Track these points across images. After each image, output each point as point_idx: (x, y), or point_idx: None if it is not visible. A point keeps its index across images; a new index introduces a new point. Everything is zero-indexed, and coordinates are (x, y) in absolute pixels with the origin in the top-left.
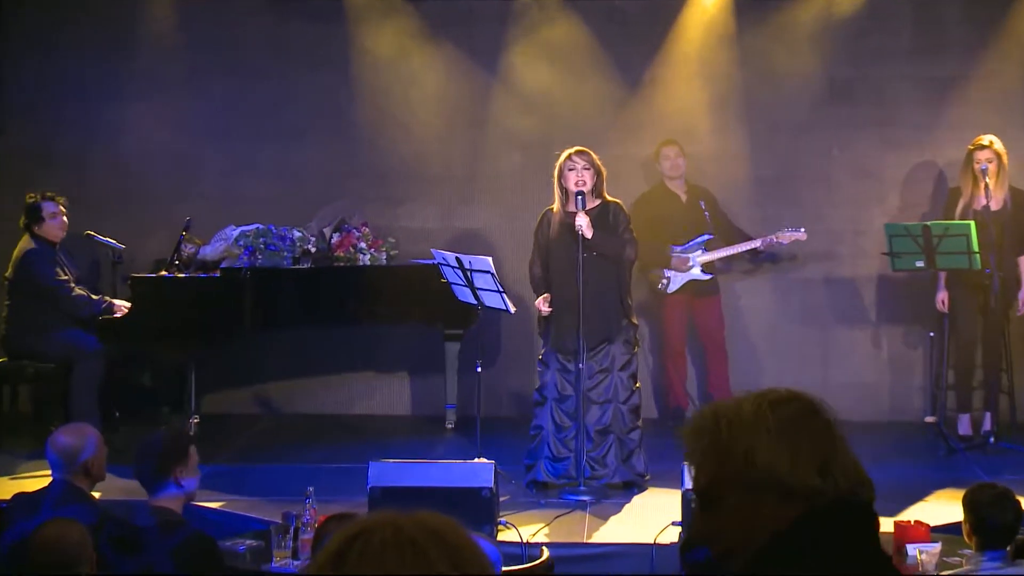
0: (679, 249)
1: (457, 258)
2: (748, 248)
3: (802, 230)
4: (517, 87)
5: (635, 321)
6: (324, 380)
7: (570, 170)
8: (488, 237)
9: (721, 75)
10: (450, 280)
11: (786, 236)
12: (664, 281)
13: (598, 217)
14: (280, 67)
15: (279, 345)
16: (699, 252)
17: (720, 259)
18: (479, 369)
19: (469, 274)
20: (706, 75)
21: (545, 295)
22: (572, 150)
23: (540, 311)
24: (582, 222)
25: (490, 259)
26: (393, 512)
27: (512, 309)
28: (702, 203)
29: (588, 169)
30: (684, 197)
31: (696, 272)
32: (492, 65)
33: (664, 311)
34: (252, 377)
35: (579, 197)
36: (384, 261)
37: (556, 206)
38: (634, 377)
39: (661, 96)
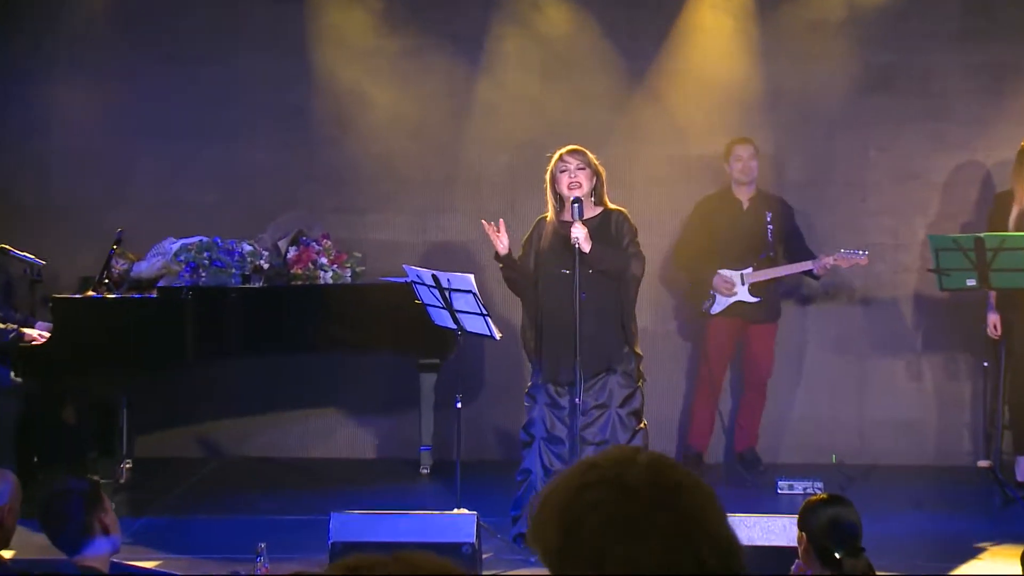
0: (730, 272)
1: (434, 276)
2: (799, 271)
3: (864, 253)
4: (504, 78)
5: (639, 351)
6: (279, 418)
7: (562, 172)
8: (470, 251)
9: (740, 64)
10: (425, 301)
11: (846, 259)
12: (707, 303)
13: (598, 228)
14: (227, 53)
15: (226, 377)
16: (748, 270)
17: (767, 281)
18: (459, 405)
19: (447, 294)
20: (723, 64)
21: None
22: (564, 149)
23: (496, 244)
24: (579, 234)
25: (472, 277)
26: (371, 557)
27: (498, 335)
28: (768, 215)
29: (583, 170)
30: (746, 205)
31: (743, 293)
32: (475, 53)
33: (708, 333)
34: (194, 415)
35: (575, 205)
36: (348, 279)
37: (550, 215)
38: (637, 415)
39: (671, 89)
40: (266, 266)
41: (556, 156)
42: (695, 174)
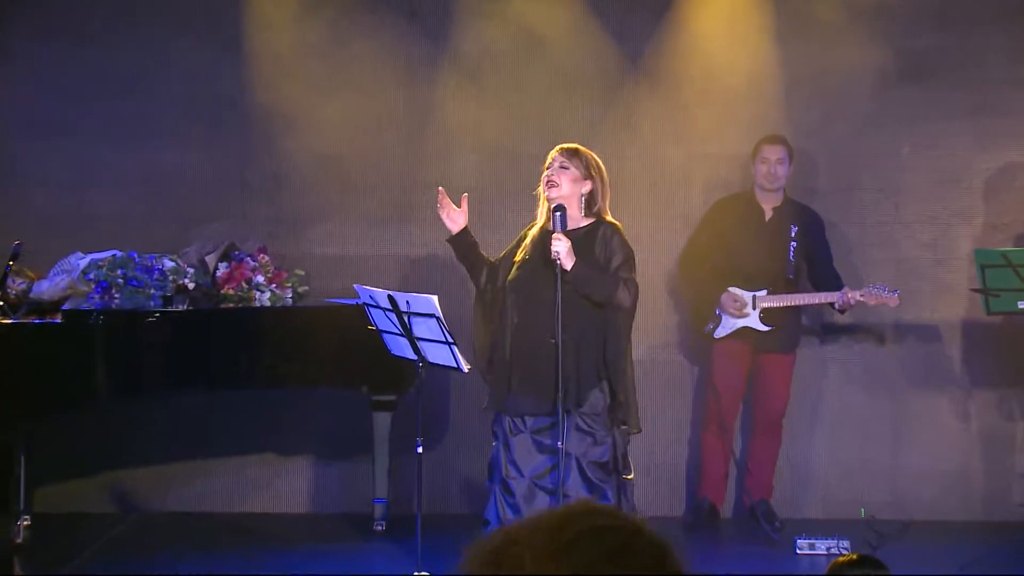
0: (742, 292)
1: (390, 297)
2: (820, 303)
3: (895, 293)
4: (474, 66)
5: (623, 398)
6: (207, 466)
7: (547, 167)
8: (433, 268)
9: (753, 50)
10: (380, 327)
11: (874, 297)
12: (711, 325)
13: (581, 241)
14: (143, 35)
15: (144, 418)
16: (762, 293)
17: (784, 307)
18: (420, 449)
19: (406, 319)
20: (732, 49)
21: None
22: (559, 145)
23: (447, 220)
24: (559, 248)
25: (435, 299)
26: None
27: (466, 367)
28: (793, 229)
29: (566, 170)
30: (768, 215)
31: (753, 319)
32: (441, 36)
33: (713, 361)
34: (106, 462)
35: (557, 214)
36: (289, 301)
37: (540, 224)
38: (606, 468)
39: (671, 78)
40: (191, 286)
41: (550, 155)
42: (698, 177)
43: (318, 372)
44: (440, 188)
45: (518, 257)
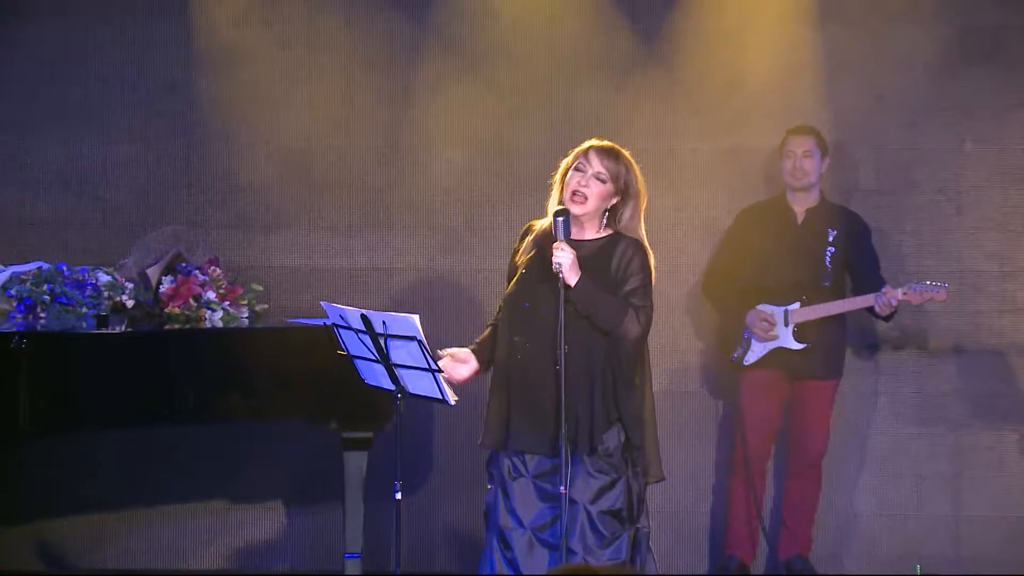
0: (772, 308)
1: (363, 316)
2: (856, 307)
3: (943, 286)
4: (461, 46)
5: (639, 442)
6: (148, 515)
7: (577, 170)
8: (415, 282)
9: (789, 29)
10: (351, 352)
11: (917, 294)
12: (739, 351)
13: (595, 257)
14: (69, 9)
15: (76, 459)
16: (795, 306)
17: (822, 324)
18: (399, 495)
19: (383, 342)
20: (764, 26)
21: (470, 350)
22: (595, 142)
23: (445, 370)
24: (562, 260)
25: (417, 319)
26: None
27: (452, 399)
28: (831, 233)
29: (603, 182)
30: (800, 218)
31: (785, 337)
32: (423, 12)
33: (741, 393)
34: (30, 511)
35: (559, 220)
36: (245, 321)
37: (548, 221)
38: (619, 517)
39: (692, 61)
40: (130, 303)
41: (580, 148)
42: (722, 176)
43: (279, 405)
44: (444, 354)
45: (519, 259)
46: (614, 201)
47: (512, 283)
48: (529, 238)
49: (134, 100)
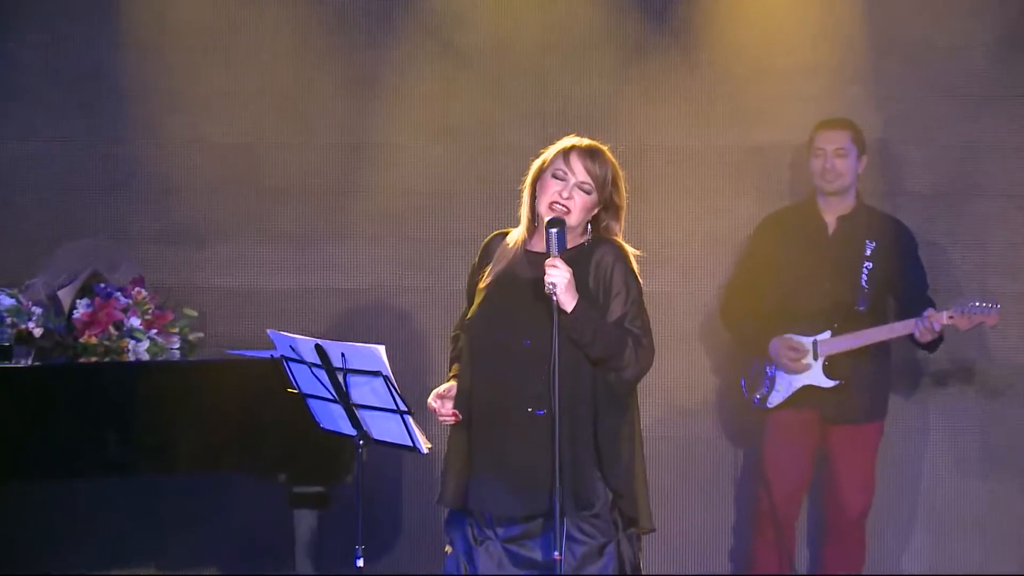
0: (799, 338)
1: (318, 347)
2: (894, 336)
3: (994, 307)
4: (436, 21)
5: (624, 491)
6: None
7: (556, 177)
8: (381, 307)
9: (826, 8)
10: (304, 390)
11: (965, 317)
12: (762, 390)
13: (569, 263)
14: None
15: None
16: (825, 335)
17: (856, 355)
18: (360, 562)
19: (342, 378)
20: (798, 7)
21: (450, 388)
22: (576, 142)
23: (438, 414)
24: (557, 279)
25: (382, 349)
26: None
27: (425, 446)
28: (868, 246)
29: (587, 193)
30: (832, 227)
31: (815, 372)
32: None
33: (765, 439)
34: None
35: (553, 231)
36: (176, 353)
37: (519, 233)
38: None
39: (712, 44)
40: (38, 332)
41: (557, 148)
42: (749, 178)
43: (217, 454)
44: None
45: (482, 284)
46: (596, 211)
47: (474, 307)
48: (497, 250)
49: (46, 87)
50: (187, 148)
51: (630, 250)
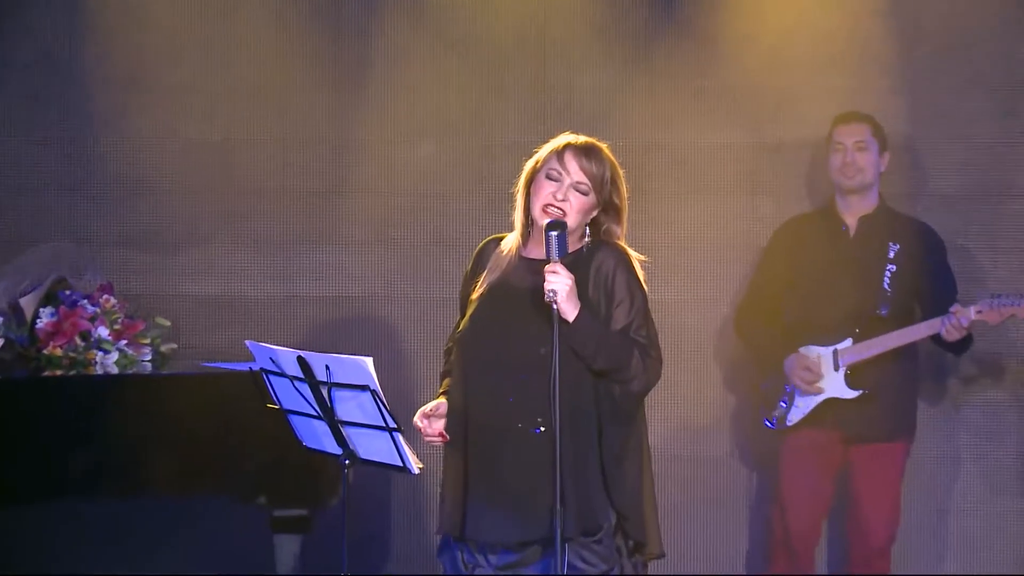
0: (818, 349)
1: (301, 359)
2: (918, 337)
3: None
4: (427, 8)
5: (629, 512)
6: None
7: (551, 178)
8: (368, 316)
9: None
10: (285, 406)
11: (995, 310)
12: (780, 407)
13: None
14: None
15: None
16: (846, 343)
17: (881, 364)
18: None
19: (327, 393)
20: None
21: (439, 405)
22: (571, 139)
23: (424, 433)
24: (557, 287)
25: (370, 362)
26: None
27: (416, 466)
28: (892, 249)
29: (584, 194)
30: (853, 230)
31: (836, 384)
32: None
33: (782, 462)
34: None
35: (554, 234)
36: (148, 366)
37: (514, 239)
38: None
39: (727, 29)
40: None
41: (551, 147)
42: (768, 178)
43: (191, 474)
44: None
45: (475, 295)
46: (594, 214)
47: (466, 319)
48: (491, 258)
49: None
50: (155, 145)
51: (634, 255)
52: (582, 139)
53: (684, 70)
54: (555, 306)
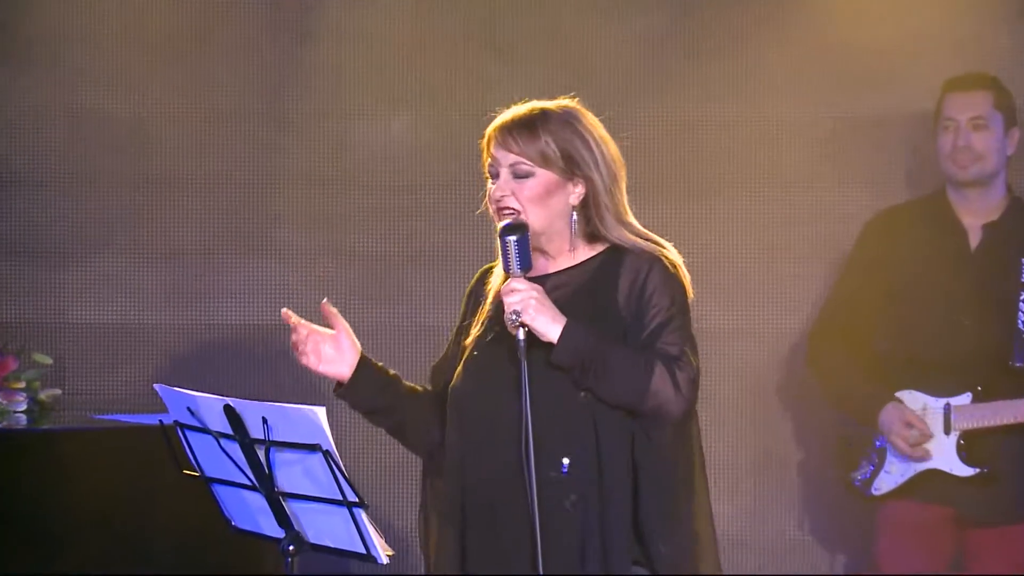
0: (924, 398)
1: (228, 409)
2: None
3: None
4: None
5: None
6: None
7: (492, 176)
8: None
9: None
10: (207, 472)
11: None
12: (865, 469)
13: (584, 289)
14: None
15: None
16: (964, 398)
17: (1003, 428)
18: None
19: (263, 454)
20: None
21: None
22: (498, 120)
23: (306, 358)
24: (515, 302)
25: (322, 413)
26: None
27: (383, 554)
28: None
29: (523, 179)
30: (977, 237)
31: (945, 453)
32: None
33: (876, 541)
34: None
35: (512, 239)
36: (22, 418)
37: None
38: None
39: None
40: None
41: (483, 137)
42: (856, 163)
43: (83, 562)
44: (287, 312)
45: (469, 340)
46: (576, 192)
47: (460, 369)
48: (487, 292)
49: None
50: (38, 118)
51: (673, 255)
52: (515, 111)
53: (739, 24)
54: (520, 333)
